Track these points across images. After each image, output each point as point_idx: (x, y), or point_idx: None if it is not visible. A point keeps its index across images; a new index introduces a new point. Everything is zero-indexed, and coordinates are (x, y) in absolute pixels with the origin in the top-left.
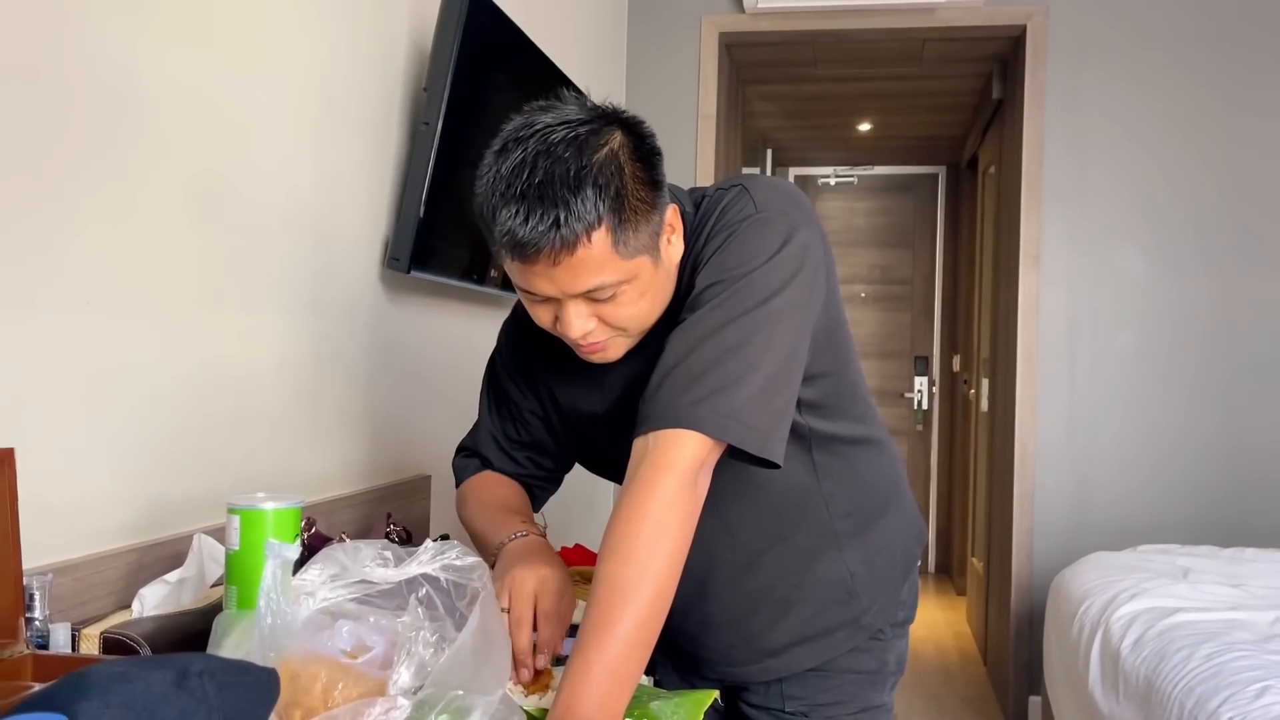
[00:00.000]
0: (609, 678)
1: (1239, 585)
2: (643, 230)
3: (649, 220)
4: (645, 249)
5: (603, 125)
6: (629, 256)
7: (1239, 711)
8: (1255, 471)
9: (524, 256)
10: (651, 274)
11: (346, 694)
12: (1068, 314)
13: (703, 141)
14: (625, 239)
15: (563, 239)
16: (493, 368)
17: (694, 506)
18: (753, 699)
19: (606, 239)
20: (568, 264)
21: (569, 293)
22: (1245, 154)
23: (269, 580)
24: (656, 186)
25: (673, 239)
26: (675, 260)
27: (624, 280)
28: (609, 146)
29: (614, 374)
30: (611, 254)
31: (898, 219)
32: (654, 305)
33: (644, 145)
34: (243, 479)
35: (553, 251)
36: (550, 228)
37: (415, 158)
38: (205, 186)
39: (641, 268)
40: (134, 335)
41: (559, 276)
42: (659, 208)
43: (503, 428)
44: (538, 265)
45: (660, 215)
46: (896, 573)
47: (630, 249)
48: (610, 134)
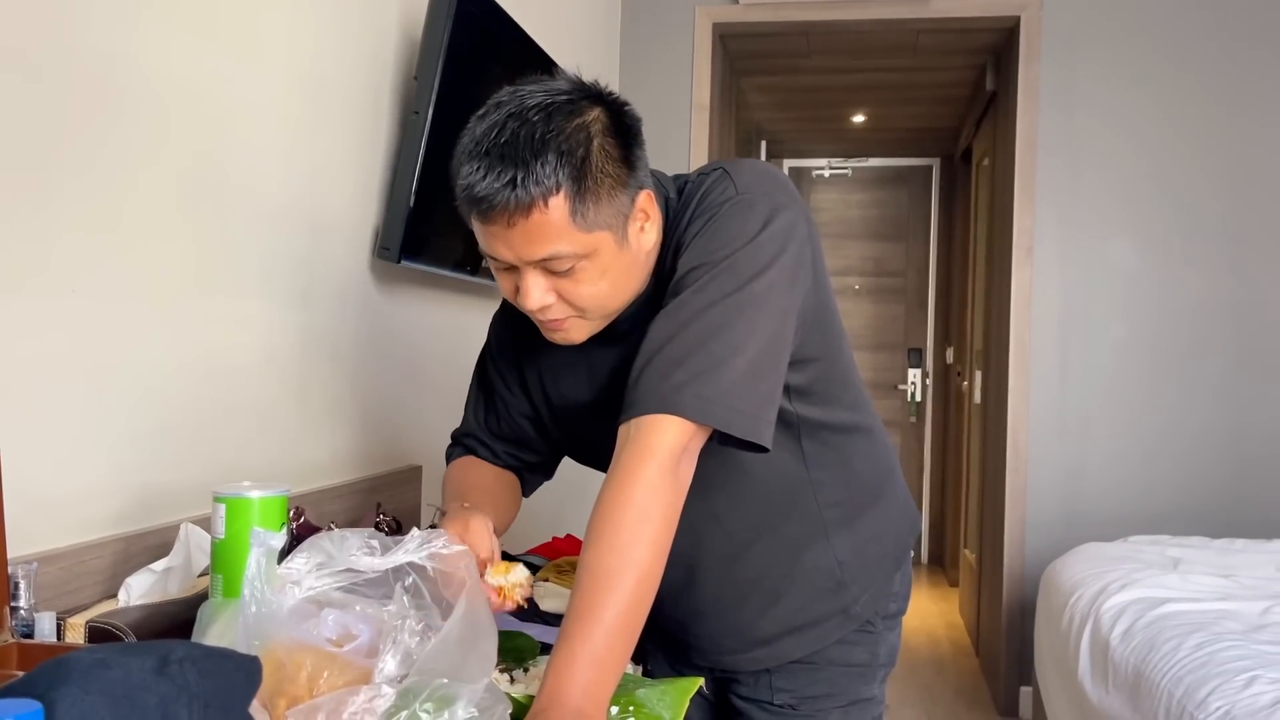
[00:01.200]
0: (594, 665)
1: (1229, 576)
2: (605, 205)
3: (614, 197)
4: (607, 226)
5: (583, 98)
6: (587, 230)
7: (1227, 701)
8: (1246, 463)
9: (481, 215)
10: (614, 254)
11: (332, 682)
12: (1060, 306)
13: (696, 133)
14: (584, 211)
15: (518, 200)
16: (483, 361)
17: (677, 492)
18: (742, 691)
19: (564, 206)
20: (523, 228)
21: (524, 259)
22: (1238, 147)
23: (253, 568)
24: (629, 166)
25: (646, 226)
26: (647, 248)
27: (582, 255)
28: (582, 118)
29: (601, 361)
30: (569, 223)
31: (891, 211)
32: (616, 288)
33: (621, 124)
34: (231, 469)
35: (507, 212)
36: (506, 186)
37: (405, 147)
38: (194, 175)
39: (602, 244)
40: (122, 324)
41: (515, 240)
42: (629, 188)
43: (485, 419)
44: (494, 226)
45: (630, 197)
46: (888, 563)
47: (589, 222)
48: (589, 108)
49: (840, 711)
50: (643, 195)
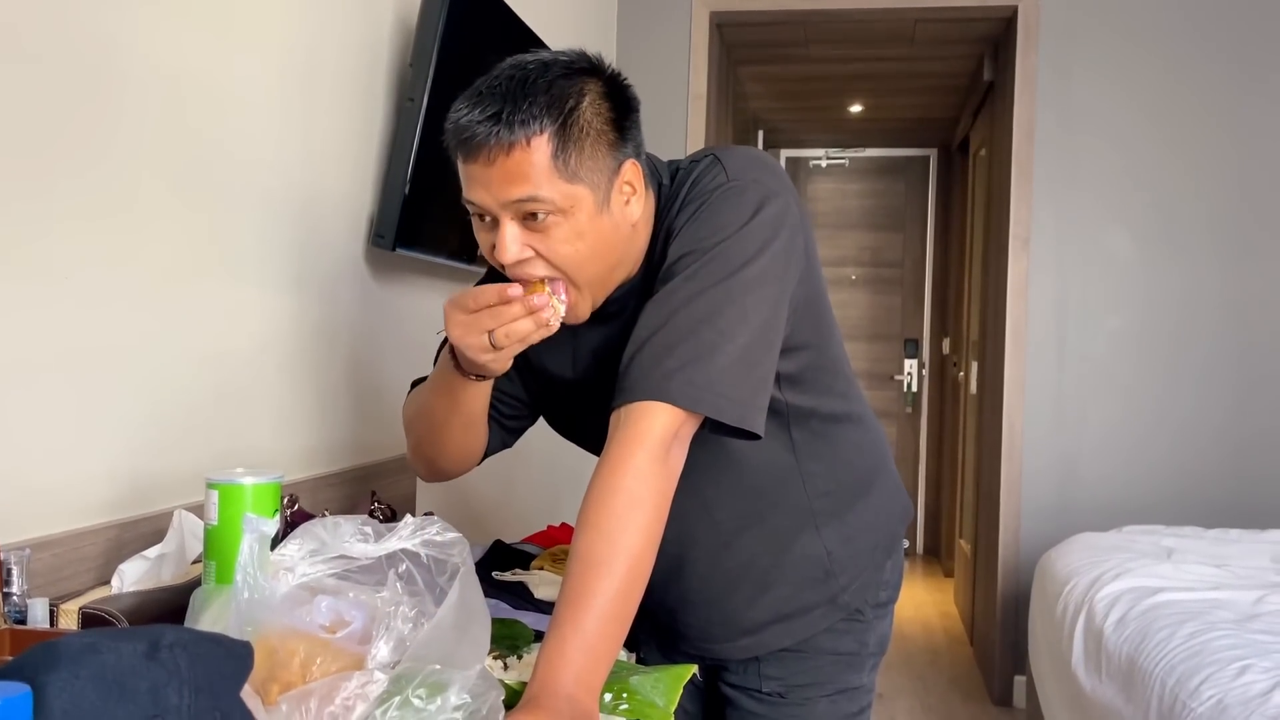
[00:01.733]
0: (585, 653)
1: (1222, 565)
2: (589, 160)
3: (598, 153)
4: (589, 183)
5: (584, 65)
6: (569, 179)
7: (1220, 690)
8: (1240, 453)
9: (465, 149)
10: (592, 215)
11: (325, 668)
12: (1056, 297)
13: (693, 122)
14: (566, 158)
15: (499, 135)
16: None
17: (667, 479)
18: (731, 679)
19: (546, 148)
20: (503, 164)
21: (502, 200)
22: (1237, 138)
23: (246, 555)
24: (619, 132)
25: (631, 200)
26: (631, 220)
27: (559, 206)
28: (578, 80)
29: (585, 340)
30: (550, 167)
31: (888, 201)
32: (594, 254)
33: (618, 95)
34: (225, 455)
35: (488, 147)
36: (491, 119)
37: (400, 134)
38: (188, 162)
39: (581, 200)
40: (115, 310)
41: (494, 180)
42: (615, 152)
43: None
44: (476, 164)
45: (616, 161)
46: (878, 552)
47: (570, 170)
48: (588, 75)
49: (829, 700)
50: (629, 165)
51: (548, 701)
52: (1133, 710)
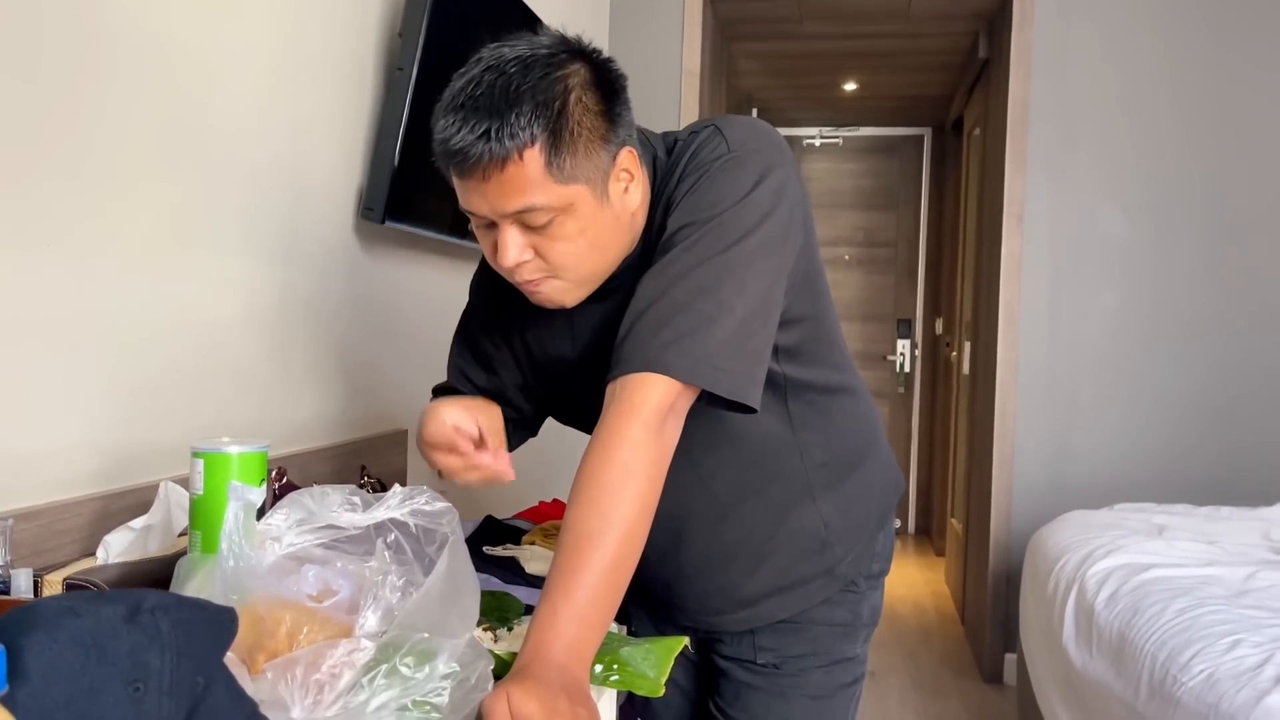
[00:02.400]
0: (576, 623)
1: (1213, 543)
2: (583, 159)
3: (592, 150)
4: (585, 180)
5: (564, 53)
6: (564, 181)
7: (1211, 664)
8: (1232, 432)
9: (457, 169)
10: (593, 210)
11: (312, 637)
12: (1050, 275)
13: (686, 99)
14: (560, 162)
15: (492, 153)
16: (466, 317)
17: (662, 451)
18: (725, 650)
19: (540, 158)
20: (498, 180)
21: (500, 212)
22: (1231, 116)
23: (231, 522)
24: (610, 121)
25: (630, 187)
26: (631, 208)
27: (558, 208)
28: (561, 71)
29: (584, 318)
30: (544, 175)
31: (882, 181)
32: (595, 248)
33: (604, 79)
34: (212, 428)
35: (482, 165)
36: (480, 138)
37: (390, 105)
38: (173, 130)
39: (579, 198)
40: (100, 280)
41: (490, 194)
42: (609, 144)
43: (469, 373)
44: (471, 180)
45: (611, 153)
46: (872, 523)
47: (565, 174)
48: (569, 62)
49: (823, 671)
50: (625, 153)
51: (538, 670)
52: (1123, 685)
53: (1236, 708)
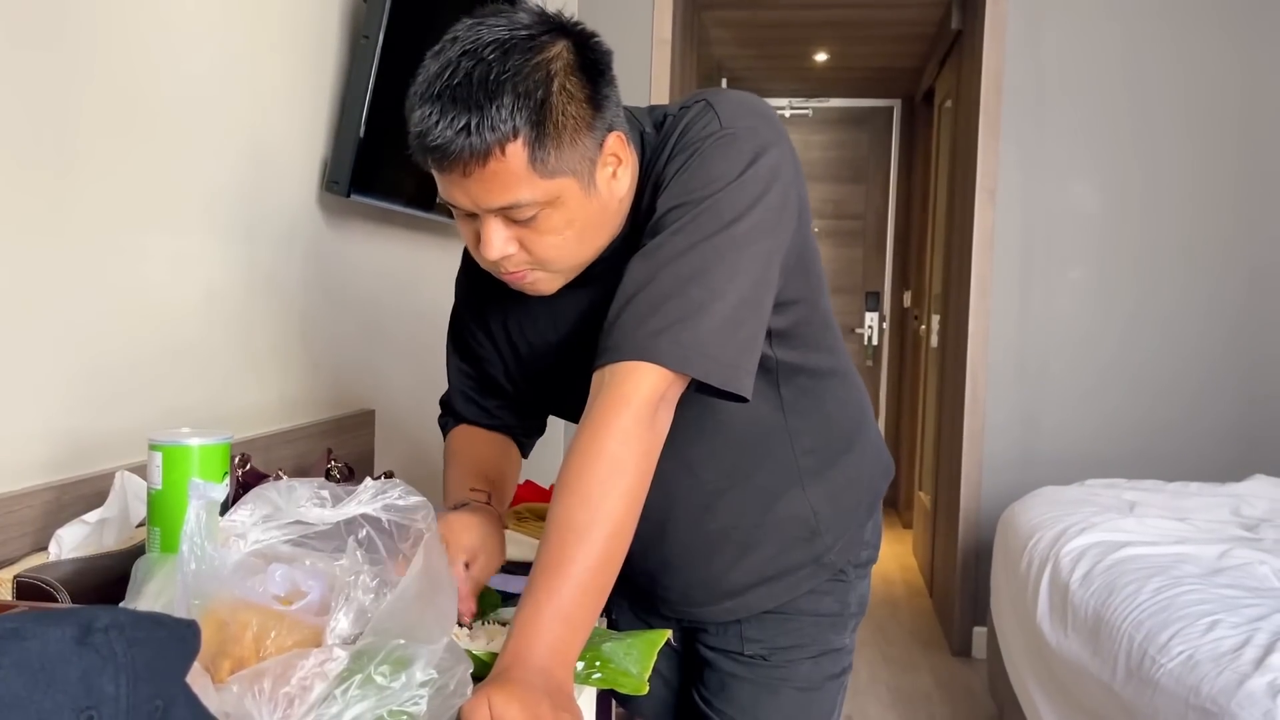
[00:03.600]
0: (561, 622)
1: (1184, 519)
2: (568, 150)
3: (579, 141)
4: (571, 171)
5: (544, 33)
6: (549, 176)
7: (1190, 645)
8: (1200, 408)
9: (436, 162)
10: (580, 202)
11: (280, 643)
12: (1022, 249)
13: (657, 67)
14: (544, 157)
15: (472, 147)
16: (454, 317)
17: (652, 443)
18: (711, 641)
19: (523, 154)
20: (480, 176)
21: (484, 207)
22: (1206, 89)
23: (192, 523)
24: (596, 107)
25: (619, 172)
26: (619, 194)
27: (544, 202)
28: (543, 55)
29: (567, 304)
30: (528, 170)
31: (852, 153)
32: (582, 239)
33: (588, 60)
34: (171, 413)
35: (463, 160)
36: (460, 133)
37: (355, 74)
38: (128, 100)
39: (565, 191)
40: (49, 260)
41: (472, 189)
42: (595, 130)
43: (468, 375)
44: (451, 174)
45: (597, 140)
46: (861, 510)
47: (550, 168)
48: (551, 43)
49: (812, 662)
50: (612, 138)
51: (520, 674)
52: (1100, 665)
53: (1217, 690)
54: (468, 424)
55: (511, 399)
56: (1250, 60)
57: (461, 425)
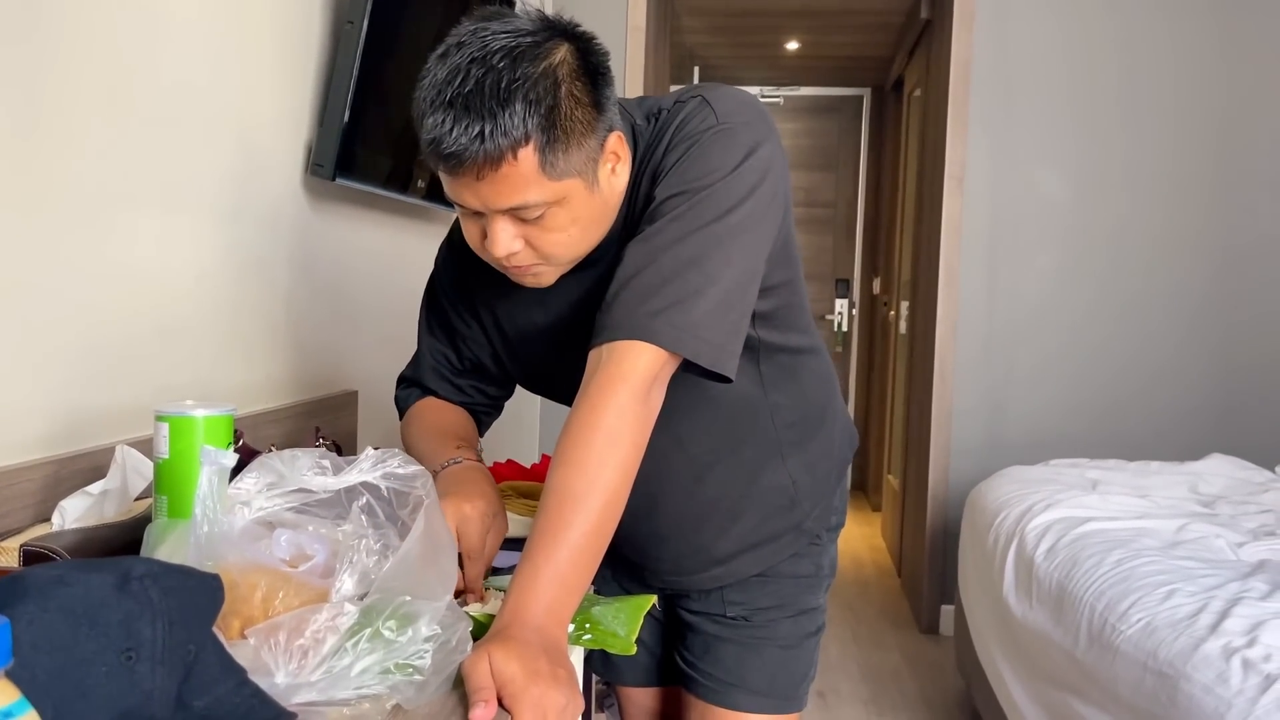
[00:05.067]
0: (557, 584)
1: (1145, 496)
2: (575, 152)
3: (584, 143)
4: (577, 172)
5: (548, 38)
6: (557, 178)
7: (1148, 613)
8: (1160, 390)
9: (449, 168)
10: (584, 200)
11: (288, 603)
12: (989, 235)
13: (632, 54)
14: (554, 160)
15: (486, 153)
16: (431, 294)
17: (647, 418)
18: (693, 606)
19: (534, 158)
20: (492, 179)
21: (494, 208)
22: (1169, 78)
23: (205, 487)
24: (598, 109)
25: (617, 169)
26: (618, 189)
27: (552, 202)
28: (548, 61)
29: (558, 290)
30: (539, 173)
31: (821, 141)
32: (585, 233)
33: (590, 64)
34: (164, 390)
35: (476, 165)
36: (475, 140)
37: (340, 59)
38: (116, 84)
39: (572, 191)
40: (42, 239)
41: (484, 191)
42: (598, 131)
43: (445, 355)
44: (463, 178)
45: (599, 140)
46: (833, 478)
47: (559, 170)
48: (555, 48)
49: (790, 621)
50: (613, 137)
51: (518, 631)
52: (1063, 634)
53: (1174, 654)
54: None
55: (484, 379)
56: (1215, 48)
57: (426, 398)
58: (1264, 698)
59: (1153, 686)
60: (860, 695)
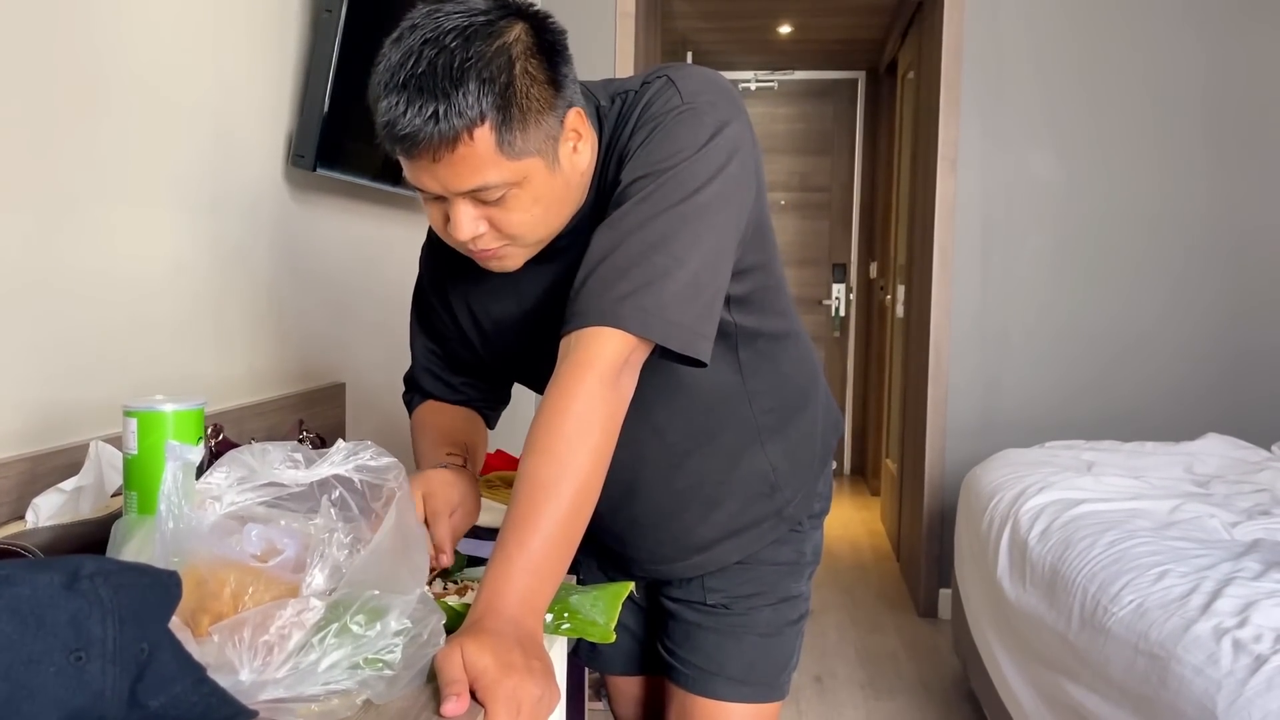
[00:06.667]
0: (531, 574)
1: (1139, 477)
2: (533, 131)
3: (542, 121)
4: (536, 151)
5: (502, 17)
6: (515, 157)
7: (1140, 594)
8: (1155, 371)
9: (405, 150)
10: (545, 179)
11: (258, 598)
12: (983, 217)
13: (621, 41)
14: (511, 139)
15: (441, 134)
16: (417, 294)
17: (617, 404)
18: (674, 593)
19: (490, 137)
20: (449, 161)
21: (453, 191)
22: (1163, 59)
23: (169, 483)
24: (555, 86)
25: (579, 146)
26: (581, 168)
27: (512, 183)
28: (502, 40)
29: (534, 281)
30: (495, 153)
31: (816, 125)
32: (549, 214)
33: (545, 41)
34: (143, 385)
35: (431, 147)
36: (428, 120)
37: (318, 48)
38: (93, 74)
39: (532, 170)
40: (16, 232)
41: (441, 174)
42: (556, 109)
43: (435, 354)
44: (420, 160)
45: (558, 118)
46: (815, 464)
47: (517, 150)
48: (509, 27)
49: (771, 609)
50: (572, 114)
51: (492, 623)
52: (1056, 616)
53: (1165, 635)
54: (434, 400)
55: (477, 374)
56: (1207, 30)
57: (428, 401)
58: (1254, 678)
59: (1144, 668)
60: (857, 679)
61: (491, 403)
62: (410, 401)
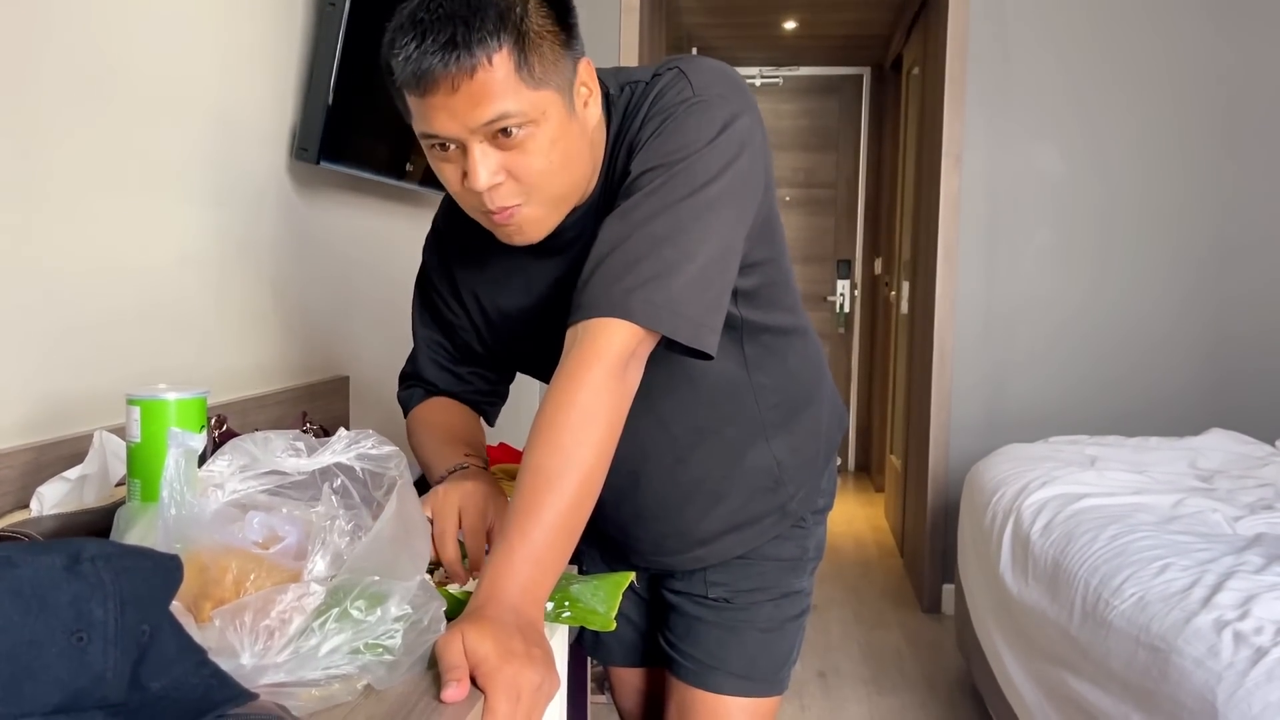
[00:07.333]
0: (533, 564)
1: (1143, 472)
2: (550, 61)
3: (557, 55)
4: (555, 86)
5: None
6: (535, 86)
7: (1142, 587)
8: (1159, 365)
9: (422, 87)
10: (563, 120)
11: (259, 584)
12: (988, 213)
13: (626, 36)
14: (530, 66)
15: (459, 60)
16: (421, 285)
17: (623, 396)
18: (676, 586)
19: (509, 61)
20: (467, 89)
21: (471, 125)
22: (1169, 53)
23: (171, 470)
24: (567, 30)
25: (590, 101)
26: (592, 123)
27: (531, 117)
28: None
29: (542, 273)
30: (515, 78)
31: (821, 121)
32: (566, 162)
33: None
34: (147, 376)
35: (449, 75)
36: (445, 47)
37: (322, 41)
38: (98, 66)
39: (550, 105)
40: (22, 224)
41: (460, 107)
42: (569, 51)
43: (440, 345)
44: (437, 96)
45: (572, 62)
46: (820, 460)
47: (536, 78)
48: None
49: (773, 604)
50: (583, 64)
51: (493, 611)
52: (1058, 610)
53: (1166, 628)
54: (438, 394)
55: (484, 365)
56: (1213, 24)
57: (430, 399)
58: (1254, 670)
59: (1145, 661)
60: (861, 675)
61: (493, 398)
62: (409, 396)
